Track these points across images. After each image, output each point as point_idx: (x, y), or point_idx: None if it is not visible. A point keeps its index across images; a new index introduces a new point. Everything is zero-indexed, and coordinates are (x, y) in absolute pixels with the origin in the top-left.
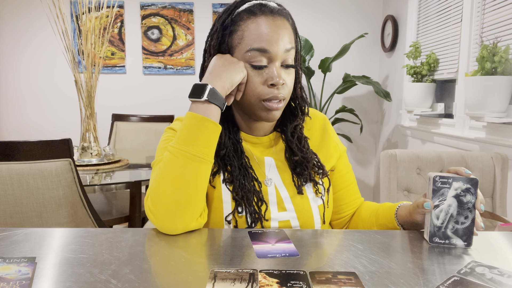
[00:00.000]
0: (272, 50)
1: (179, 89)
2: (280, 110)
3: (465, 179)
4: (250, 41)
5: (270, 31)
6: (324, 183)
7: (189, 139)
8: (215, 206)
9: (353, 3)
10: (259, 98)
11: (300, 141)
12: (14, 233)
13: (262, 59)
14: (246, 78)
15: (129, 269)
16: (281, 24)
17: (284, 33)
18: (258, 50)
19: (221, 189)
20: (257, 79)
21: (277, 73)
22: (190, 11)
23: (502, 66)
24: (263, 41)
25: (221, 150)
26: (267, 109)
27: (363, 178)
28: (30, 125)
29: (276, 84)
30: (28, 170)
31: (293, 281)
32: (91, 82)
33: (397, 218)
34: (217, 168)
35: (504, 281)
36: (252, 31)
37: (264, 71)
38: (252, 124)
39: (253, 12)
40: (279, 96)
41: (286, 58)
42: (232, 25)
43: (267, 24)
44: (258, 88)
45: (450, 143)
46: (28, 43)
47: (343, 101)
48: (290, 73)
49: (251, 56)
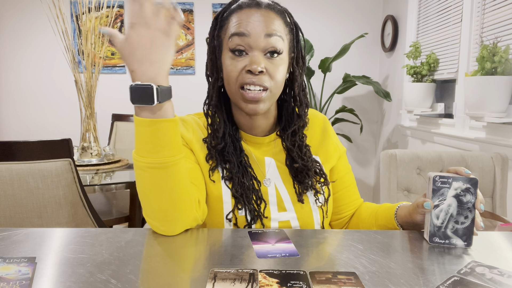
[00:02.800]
0: (250, 34)
1: (179, 89)
2: (263, 102)
3: (465, 179)
4: (231, 28)
5: (251, 17)
6: (324, 192)
7: (148, 149)
8: (215, 204)
9: (353, 3)
10: (237, 85)
11: (301, 150)
12: (14, 233)
13: (240, 44)
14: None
15: (129, 269)
16: (265, 14)
17: (266, 20)
18: (237, 35)
19: (221, 186)
20: (236, 66)
21: (256, 60)
22: (190, 11)
23: (502, 66)
24: (242, 25)
25: (219, 144)
26: (245, 99)
27: (363, 178)
28: (30, 125)
29: (253, 71)
30: (28, 170)
31: (293, 281)
32: (91, 82)
33: (397, 219)
34: (216, 164)
35: (504, 281)
36: (234, 20)
37: (244, 58)
38: (249, 122)
39: (241, 6)
40: (257, 83)
41: (267, 45)
42: (223, 21)
43: (249, 13)
44: (236, 74)
45: (450, 143)
46: (28, 43)
47: (343, 101)
48: (276, 63)
49: (231, 42)
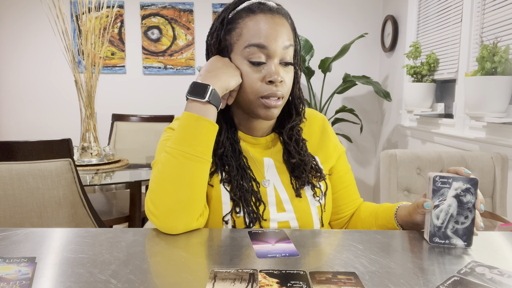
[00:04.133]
0: (270, 46)
1: (179, 89)
2: (278, 108)
3: (465, 179)
4: (249, 37)
5: (268, 27)
6: (322, 186)
7: (187, 139)
8: (214, 207)
9: (353, 3)
10: (258, 95)
11: (298, 144)
12: (14, 233)
13: (260, 55)
14: (239, 86)
15: (129, 269)
16: (280, 22)
17: (282, 31)
18: (256, 46)
19: (220, 189)
20: (255, 76)
21: (276, 70)
22: (190, 11)
23: (502, 66)
24: (262, 37)
25: (219, 149)
26: (265, 106)
27: (363, 178)
28: (30, 125)
29: (274, 81)
30: (28, 170)
31: (293, 281)
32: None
33: (397, 219)
34: (215, 168)
35: (504, 281)
36: (250, 28)
37: (262, 67)
38: (251, 124)
39: (252, 10)
40: (277, 94)
41: (285, 55)
42: (231, 23)
43: (265, 21)
44: (257, 85)
45: (450, 143)
46: (28, 43)
47: (343, 101)
48: (289, 71)
49: (249, 52)
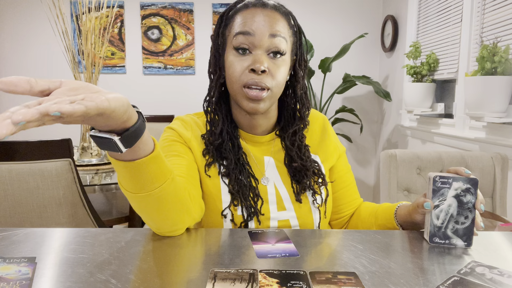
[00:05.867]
0: (255, 33)
1: (179, 89)
2: (264, 101)
3: (465, 179)
4: (236, 26)
5: (256, 17)
6: (323, 192)
7: (131, 186)
8: (213, 203)
9: (353, 3)
10: (240, 83)
11: (301, 150)
12: (14, 233)
13: (245, 43)
14: (224, 78)
15: (129, 269)
16: (271, 14)
17: (271, 21)
18: (242, 34)
19: (219, 183)
20: (239, 65)
21: (259, 59)
22: (190, 11)
23: (502, 66)
24: (247, 24)
25: (216, 140)
26: (248, 98)
27: (363, 178)
28: None
29: (256, 69)
30: (28, 170)
31: (293, 281)
32: (91, 82)
33: (397, 218)
34: (212, 159)
35: (504, 281)
36: (239, 19)
37: (247, 57)
38: (249, 122)
39: (247, 6)
40: (260, 84)
41: (272, 45)
42: (228, 19)
43: (255, 12)
44: (240, 74)
45: (450, 143)
46: (28, 43)
47: (343, 101)
48: (279, 64)
49: (235, 40)
